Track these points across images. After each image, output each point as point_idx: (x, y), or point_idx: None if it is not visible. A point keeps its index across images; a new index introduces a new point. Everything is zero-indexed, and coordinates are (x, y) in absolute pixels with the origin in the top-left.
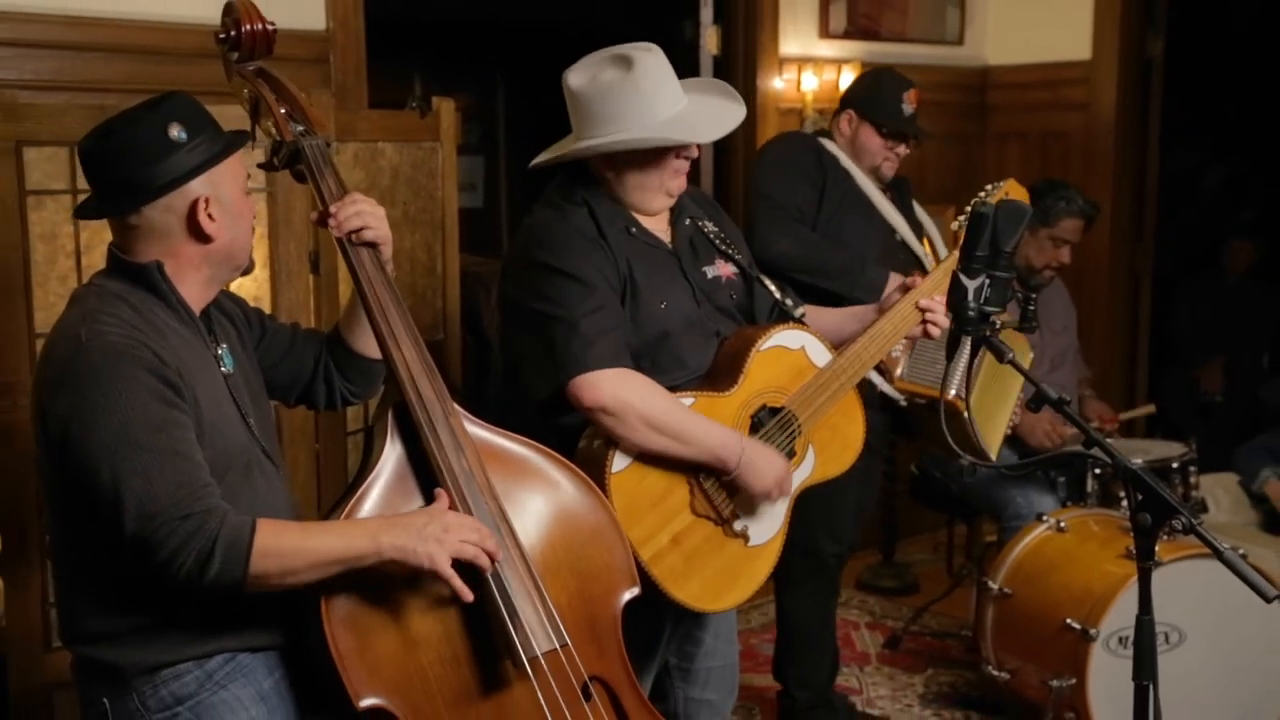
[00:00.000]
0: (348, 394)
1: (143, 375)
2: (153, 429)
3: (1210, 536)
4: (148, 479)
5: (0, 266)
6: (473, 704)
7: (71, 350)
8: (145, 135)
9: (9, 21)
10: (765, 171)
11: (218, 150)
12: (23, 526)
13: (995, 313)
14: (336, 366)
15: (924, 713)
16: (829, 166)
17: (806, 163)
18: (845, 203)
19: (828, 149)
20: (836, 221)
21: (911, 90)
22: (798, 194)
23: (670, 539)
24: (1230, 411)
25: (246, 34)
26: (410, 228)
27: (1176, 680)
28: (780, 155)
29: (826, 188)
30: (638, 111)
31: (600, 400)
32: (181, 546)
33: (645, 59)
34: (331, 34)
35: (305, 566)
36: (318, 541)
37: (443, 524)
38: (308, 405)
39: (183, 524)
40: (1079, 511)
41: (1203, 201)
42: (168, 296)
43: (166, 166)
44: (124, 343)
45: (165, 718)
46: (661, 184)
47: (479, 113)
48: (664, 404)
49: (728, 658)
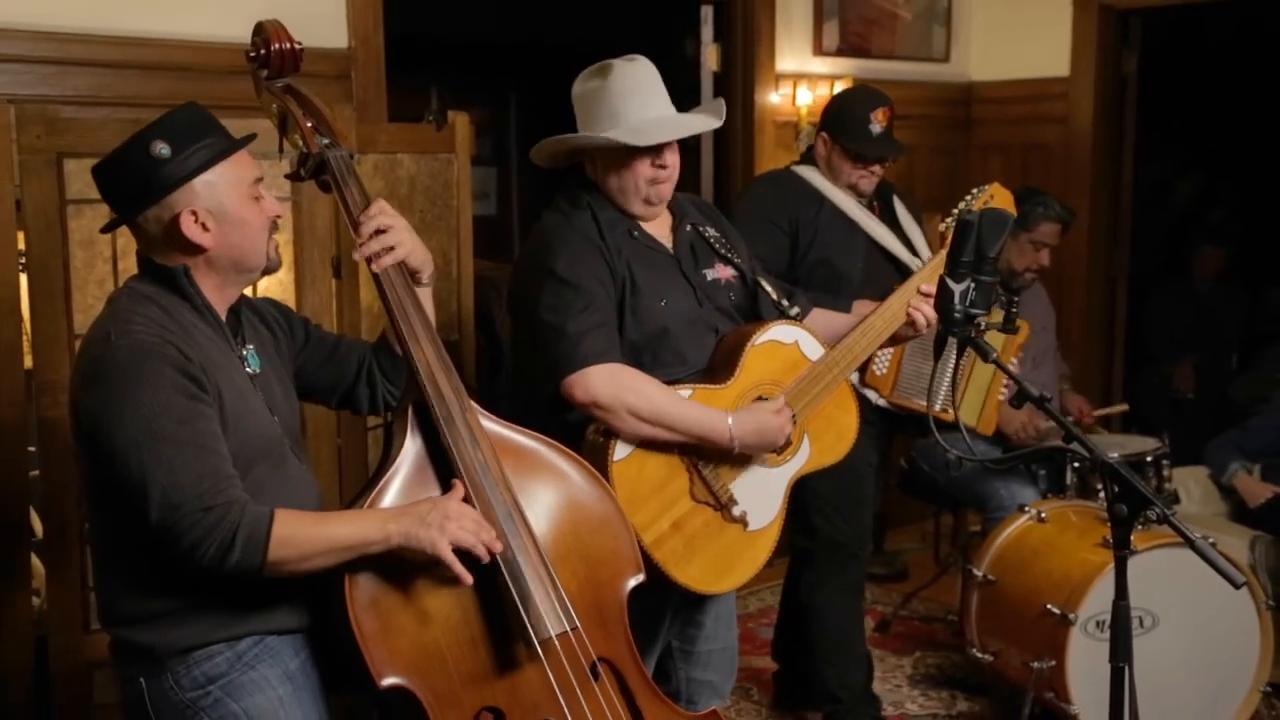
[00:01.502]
0: (390, 397)
1: (168, 371)
2: (177, 422)
3: (1182, 526)
4: (172, 470)
5: (42, 271)
6: (488, 683)
7: (102, 348)
8: (128, 153)
9: (53, 41)
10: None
11: (196, 164)
12: (63, 516)
13: (980, 315)
14: (381, 371)
15: (912, 692)
16: (799, 201)
17: (769, 210)
18: (820, 231)
19: (801, 178)
20: (815, 253)
21: (880, 109)
22: (761, 247)
23: (671, 524)
24: (1201, 408)
25: (275, 53)
26: (427, 234)
27: (1150, 661)
28: (747, 207)
29: (799, 226)
30: (606, 115)
31: (591, 396)
32: (204, 536)
33: (623, 69)
34: (353, 52)
35: (319, 553)
36: (330, 530)
37: (444, 512)
38: (351, 409)
39: (205, 515)
40: (1059, 503)
41: (1175, 210)
42: (193, 299)
43: (146, 181)
44: (151, 341)
45: (197, 696)
46: (637, 189)
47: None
48: (651, 394)
49: (727, 641)
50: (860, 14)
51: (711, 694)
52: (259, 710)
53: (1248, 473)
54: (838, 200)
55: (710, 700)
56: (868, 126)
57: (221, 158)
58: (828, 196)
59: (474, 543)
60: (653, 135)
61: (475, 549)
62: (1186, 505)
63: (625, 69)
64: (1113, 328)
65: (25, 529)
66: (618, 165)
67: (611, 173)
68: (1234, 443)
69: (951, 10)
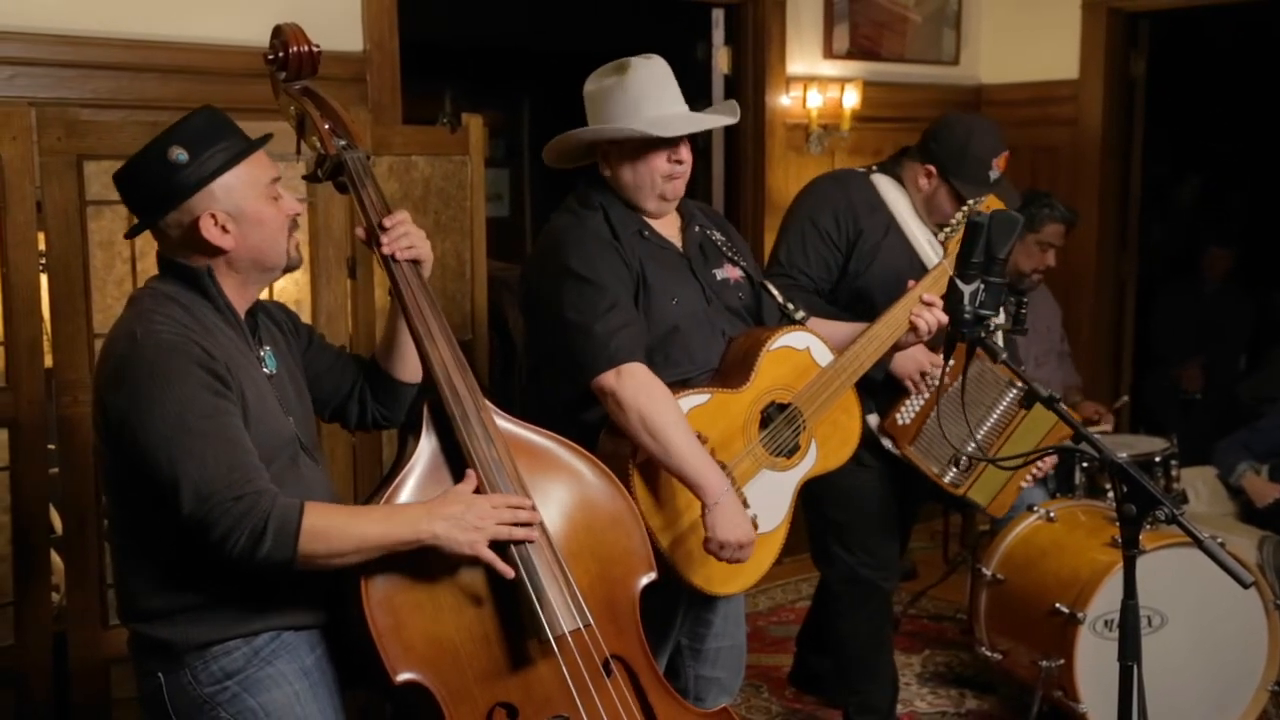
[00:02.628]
0: (379, 416)
1: (193, 369)
2: (205, 416)
3: (1191, 526)
4: (202, 462)
5: (62, 271)
6: (501, 679)
7: (128, 347)
8: (146, 160)
9: (72, 45)
10: (787, 230)
11: (213, 168)
12: (82, 513)
13: (989, 316)
14: (371, 389)
15: (921, 690)
16: (869, 212)
17: (833, 219)
18: (881, 251)
19: (875, 191)
20: (865, 280)
21: (1003, 155)
22: (811, 263)
23: (688, 526)
24: (1209, 409)
25: (293, 55)
26: (441, 235)
27: (1159, 661)
28: (806, 212)
29: (859, 241)
30: (623, 110)
31: (616, 389)
32: (235, 525)
33: (640, 66)
34: (369, 55)
35: (351, 549)
36: (363, 527)
37: (478, 512)
38: (340, 423)
39: (236, 504)
40: (1067, 502)
41: (1182, 212)
42: (216, 300)
43: (165, 187)
44: (175, 339)
45: (215, 691)
46: (653, 184)
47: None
48: (666, 414)
49: (736, 639)
50: (870, 17)
51: (720, 691)
52: (275, 705)
53: (1256, 473)
54: (910, 230)
55: (719, 697)
56: (988, 171)
57: (238, 160)
58: (901, 223)
59: (511, 531)
60: (673, 127)
61: (514, 536)
62: (1195, 505)
63: (643, 66)
64: (1121, 329)
65: (45, 526)
66: (634, 159)
67: (627, 167)
68: (1242, 443)
69: (961, 13)
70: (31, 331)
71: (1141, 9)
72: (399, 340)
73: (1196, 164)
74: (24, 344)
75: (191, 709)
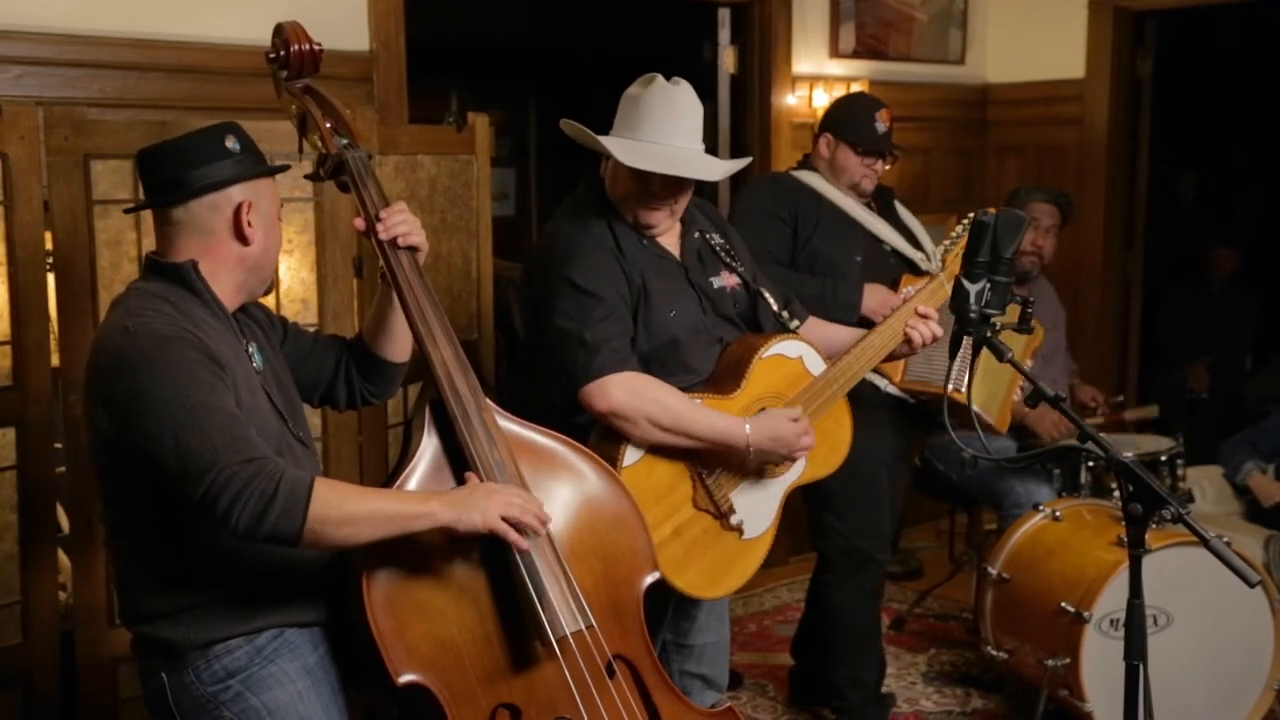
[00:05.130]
0: (367, 394)
1: (189, 352)
2: (207, 392)
3: (1197, 525)
4: (206, 435)
5: (69, 270)
6: (504, 680)
7: (121, 340)
8: (202, 140)
9: (78, 44)
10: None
11: (264, 167)
12: (89, 512)
13: (995, 314)
14: (358, 369)
15: (927, 689)
16: (798, 197)
17: (770, 203)
18: (821, 227)
19: (799, 180)
20: (814, 245)
21: (883, 110)
22: (767, 236)
23: (673, 530)
24: (1215, 408)
25: (295, 54)
26: (447, 234)
27: (1165, 660)
28: (746, 204)
29: (799, 219)
30: (625, 123)
31: (610, 406)
32: (244, 488)
33: (661, 88)
34: (375, 54)
35: (363, 519)
36: (373, 501)
37: (485, 491)
38: (330, 405)
39: (245, 467)
40: (1073, 501)
41: (1187, 212)
42: (202, 293)
43: (217, 168)
44: (169, 329)
45: (218, 690)
46: (627, 204)
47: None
48: (669, 403)
49: (720, 635)
50: (876, 16)
51: (705, 687)
52: (278, 704)
53: (1262, 472)
54: (836, 199)
55: (705, 694)
56: (874, 124)
57: (272, 173)
58: (825, 195)
59: (522, 511)
60: (640, 157)
61: (525, 519)
62: (1201, 504)
63: (664, 89)
64: (1127, 329)
65: (51, 524)
66: (618, 173)
67: (614, 177)
68: (1248, 442)
69: (967, 12)
70: (38, 331)
71: (1148, 8)
72: (390, 322)
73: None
74: (31, 343)
75: (195, 708)
